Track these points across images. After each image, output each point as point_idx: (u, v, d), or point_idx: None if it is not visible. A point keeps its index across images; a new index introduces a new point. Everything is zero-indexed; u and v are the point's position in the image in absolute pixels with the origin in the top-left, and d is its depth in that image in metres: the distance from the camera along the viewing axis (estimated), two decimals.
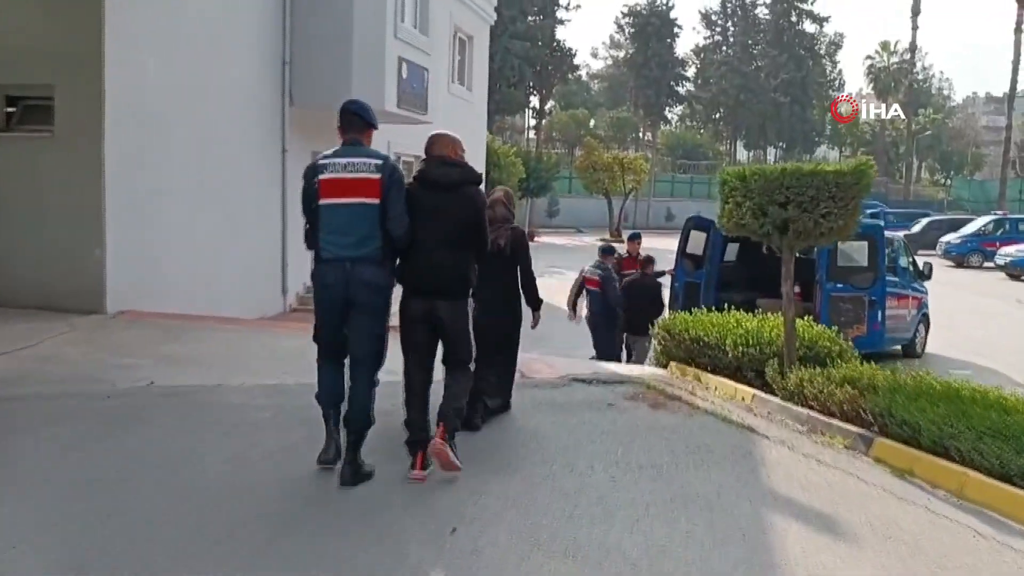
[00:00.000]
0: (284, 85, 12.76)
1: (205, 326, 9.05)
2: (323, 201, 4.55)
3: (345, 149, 4.65)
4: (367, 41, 12.71)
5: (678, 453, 5.42)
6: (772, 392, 6.75)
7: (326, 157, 4.65)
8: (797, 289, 12.81)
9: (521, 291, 5.95)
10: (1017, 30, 39.76)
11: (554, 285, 13.08)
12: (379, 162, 4.58)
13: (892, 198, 54.62)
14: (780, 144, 61.17)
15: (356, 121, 4.73)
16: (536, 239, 25.56)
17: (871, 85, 68.77)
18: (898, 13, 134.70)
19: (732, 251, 13.10)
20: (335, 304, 4.61)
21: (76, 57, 9.04)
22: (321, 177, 4.56)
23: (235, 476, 4.75)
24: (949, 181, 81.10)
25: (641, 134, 64.88)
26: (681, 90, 60.54)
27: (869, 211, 40.72)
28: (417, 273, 4.73)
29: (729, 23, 62.41)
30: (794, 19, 59.61)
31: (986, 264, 31.15)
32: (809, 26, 60.22)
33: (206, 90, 10.94)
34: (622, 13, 58.76)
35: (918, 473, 5.15)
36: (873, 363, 7.06)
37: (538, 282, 6.10)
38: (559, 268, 25.07)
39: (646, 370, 8.31)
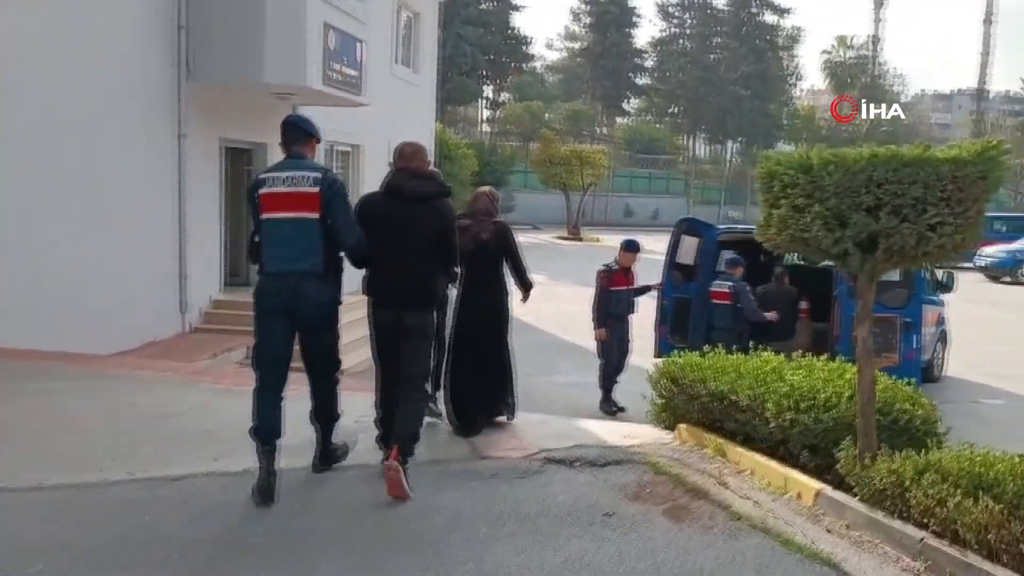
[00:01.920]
0: (180, 55, 10.23)
1: (38, 369, 6.59)
2: (264, 216, 4.49)
3: (286, 163, 4.58)
4: (284, 0, 10.28)
5: None
6: (843, 485, 4.56)
7: (267, 171, 4.64)
8: (804, 305, 10.86)
9: (513, 280, 5.96)
10: (986, 21, 38.45)
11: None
12: (318, 175, 4.48)
13: None
14: (740, 139, 59.46)
15: (296, 133, 4.67)
16: None
17: (828, 80, 67.91)
18: (855, 7, 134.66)
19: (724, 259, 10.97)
20: (277, 318, 4.46)
21: None
22: (262, 191, 4.49)
23: None
24: None
25: (598, 128, 62.92)
26: (640, 82, 58.54)
27: None
28: (385, 284, 4.73)
29: (687, 15, 60.54)
30: (754, 10, 57.88)
31: (962, 264, 29.54)
32: (769, 17, 58.56)
33: (69, 55, 8.46)
34: (579, 1, 56.56)
35: None
36: None
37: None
38: None
39: (643, 433, 6.04)
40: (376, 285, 4.75)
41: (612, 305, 8.81)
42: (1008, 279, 26.11)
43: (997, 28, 35.73)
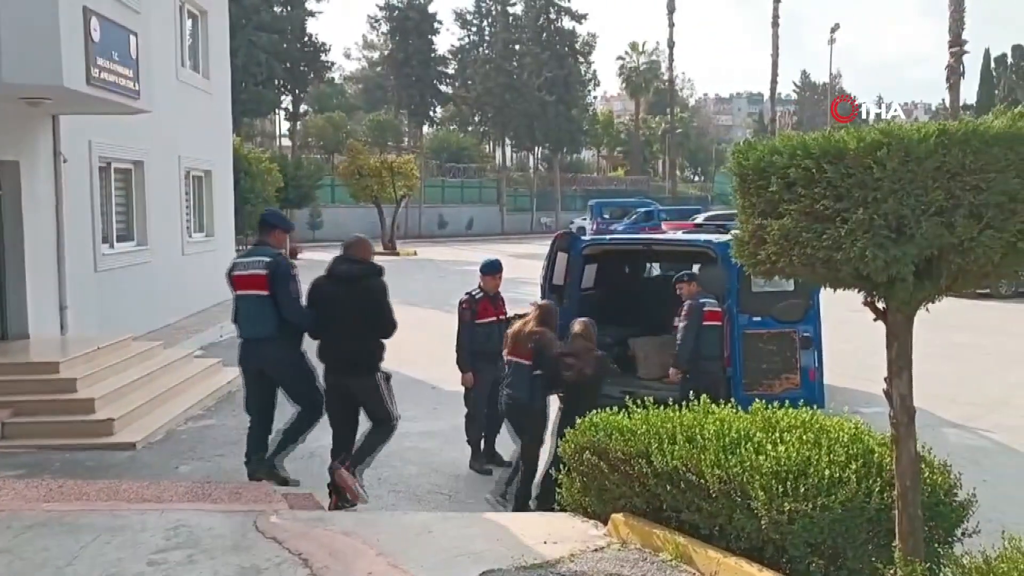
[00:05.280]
0: None
1: None
2: (237, 293, 5.94)
3: (251, 250, 6.21)
4: None
5: None
6: None
7: (238, 257, 6.32)
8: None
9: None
10: (774, 24, 40.21)
11: None
12: (267, 260, 5.85)
13: (654, 196, 55.40)
14: (546, 144, 59.53)
15: (263, 225, 6.20)
16: (299, 256, 21.06)
17: (623, 85, 70.03)
18: (646, 15, 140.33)
19: (589, 274, 9.66)
20: (250, 375, 6.04)
21: None
22: (234, 273, 5.96)
23: None
24: (698, 178, 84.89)
25: (405, 138, 61.29)
26: (445, 89, 57.31)
27: (643, 210, 40.01)
28: (328, 354, 5.79)
29: (485, 23, 59.98)
30: (553, 16, 58.06)
31: None
32: (567, 23, 58.90)
33: None
34: (378, 7, 54.37)
35: None
36: None
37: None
38: None
39: (565, 531, 4.45)
40: (323, 354, 5.83)
41: (481, 342, 7.17)
42: None
43: (779, 31, 37.20)
